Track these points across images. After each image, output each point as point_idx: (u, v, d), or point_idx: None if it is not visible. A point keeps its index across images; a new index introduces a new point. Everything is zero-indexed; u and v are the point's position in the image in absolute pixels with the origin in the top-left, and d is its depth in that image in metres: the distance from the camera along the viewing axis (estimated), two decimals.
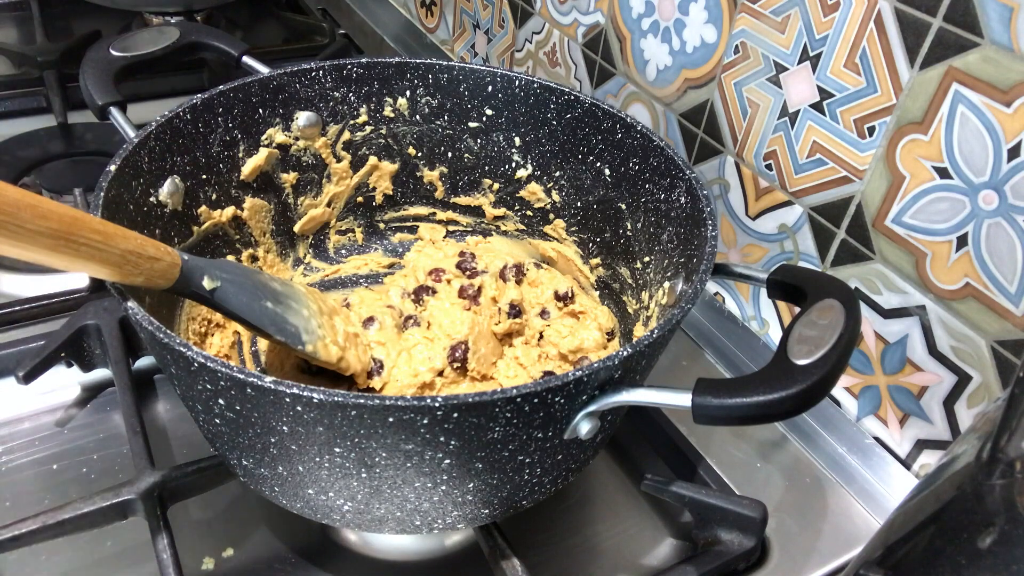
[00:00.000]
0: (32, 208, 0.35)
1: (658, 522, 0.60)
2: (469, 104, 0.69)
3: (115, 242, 0.41)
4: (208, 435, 0.51)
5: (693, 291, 0.47)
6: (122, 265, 0.41)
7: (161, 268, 0.45)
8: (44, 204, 0.36)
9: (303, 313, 0.55)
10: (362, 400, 0.38)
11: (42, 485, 0.57)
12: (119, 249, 0.41)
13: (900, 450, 0.63)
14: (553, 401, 0.41)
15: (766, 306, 0.73)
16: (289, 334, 0.53)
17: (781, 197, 0.68)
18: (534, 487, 0.49)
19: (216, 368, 0.39)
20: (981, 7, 0.50)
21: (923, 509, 0.34)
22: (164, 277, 0.45)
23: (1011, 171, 0.51)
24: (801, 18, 0.61)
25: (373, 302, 0.65)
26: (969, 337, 0.56)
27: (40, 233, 0.36)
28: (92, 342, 0.63)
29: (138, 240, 0.43)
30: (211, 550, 0.54)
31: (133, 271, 0.42)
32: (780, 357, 0.41)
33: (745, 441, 0.65)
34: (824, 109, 0.61)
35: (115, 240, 0.41)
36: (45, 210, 0.36)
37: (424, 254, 0.72)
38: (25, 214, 0.35)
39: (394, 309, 0.64)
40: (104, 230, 0.40)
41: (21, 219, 0.35)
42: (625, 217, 0.64)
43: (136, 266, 0.42)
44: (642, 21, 0.76)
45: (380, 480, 0.44)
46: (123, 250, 0.41)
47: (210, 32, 0.75)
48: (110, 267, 0.41)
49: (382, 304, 0.64)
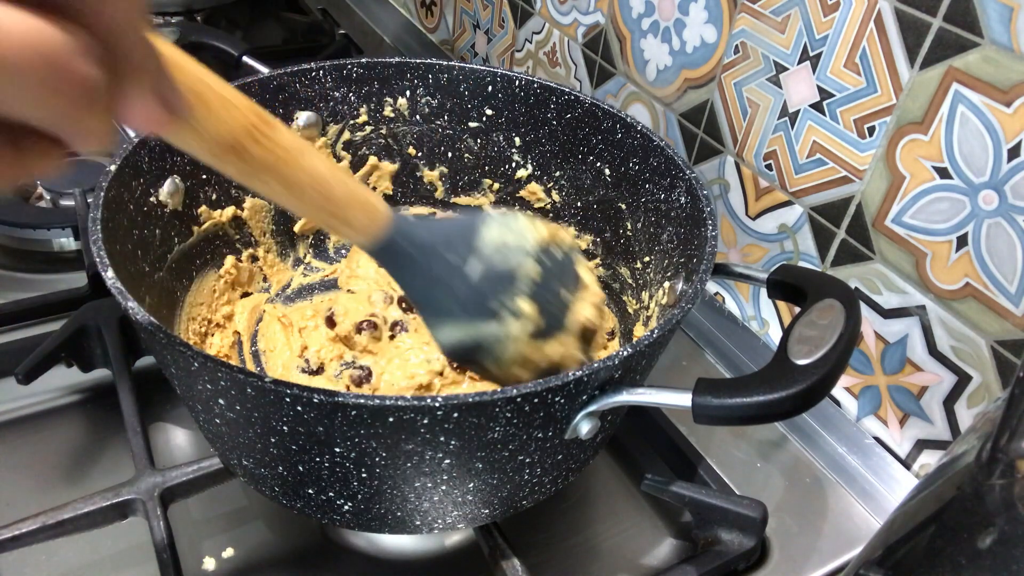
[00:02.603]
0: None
1: (658, 522, 0.60)
2: (469, 104, 0.69)
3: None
4: (208, 435, 0.51)
5: (693, 291, 0.47)
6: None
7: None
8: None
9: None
10: (362, 400, 0.38)
11: (42, 485, 0.57)
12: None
13: (900, 450, 0.63)
14: (553, 401, 0.41)
15: (766, 306, 0.73)
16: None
17: (781, 197, 0.68)
18: (534, 487, 0.49)
19: (216, 368, 0.39)
20: (981, 7, 0.50)
21: (923, 509, 0.34)
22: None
23: (1011, 171, 0.51)
24: (801, 18, 0.61)
25: (358, 311, 0.64)
26: (969, 337, 0.56)
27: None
28: (92, 342, 0.63)
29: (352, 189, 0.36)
30: (211, 550, 0.54)
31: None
32: (780, 357, 0.42)
33: (745, 441, 0.65)
34: (824, 109, 0.61)
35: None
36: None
37: None
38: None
39: (378, 316, 0.64)
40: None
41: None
42: (625, 217, 0.64)
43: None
44: (642, 21, 0.76)
45: (380, 480, 0.44)
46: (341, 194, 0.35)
47: (210, 32, 0.75)
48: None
49: (366, 312, 0.64)
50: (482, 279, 0.40)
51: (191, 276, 0.61)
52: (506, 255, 0.41)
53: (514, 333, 0.41)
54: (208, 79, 0.27)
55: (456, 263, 0.40)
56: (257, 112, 0.30)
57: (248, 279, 0.67)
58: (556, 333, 0.43)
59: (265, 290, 0.68)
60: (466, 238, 0.40)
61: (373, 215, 0.37)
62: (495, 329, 0.41)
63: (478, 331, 0.41)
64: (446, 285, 0.40)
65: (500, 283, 0.41)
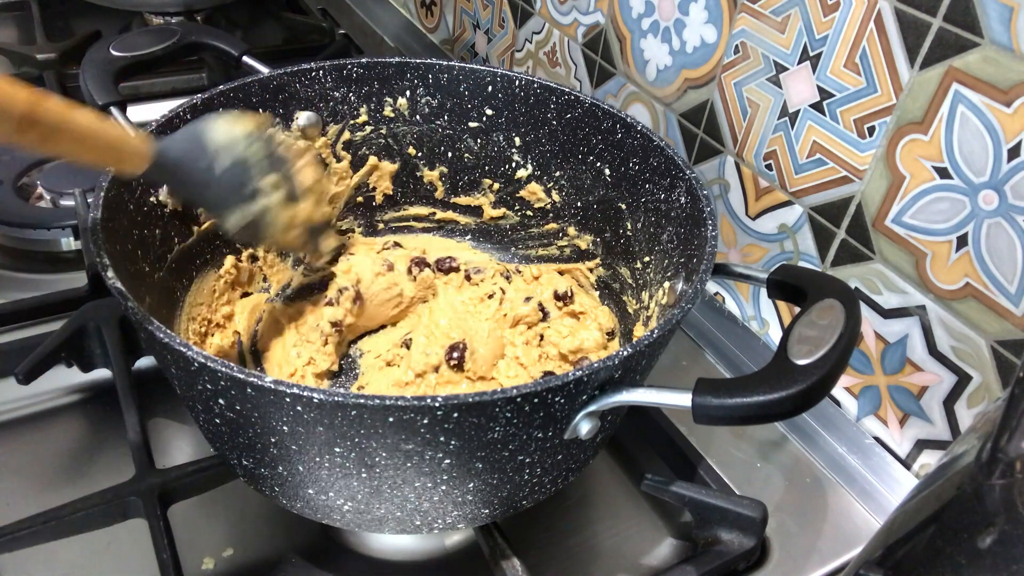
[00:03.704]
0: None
1: (658, 522, 0.60)
2: (469, 104, 0.69)
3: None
4: (208, 435, 0.51)
5: (693, 291, 0.47)
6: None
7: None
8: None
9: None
10: (362, 400, 0.38)
11: (42, 485, 0.57)
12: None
13: (900, 450, 0.63)
14: (553, 401, 0.41)
15: (766, 306, 0.73)
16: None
17: (781, 197, 0.68)
18: (534, 487, 0.49)
19: (216, 368, 0.39)
20: (981, 7, 0.50)
21: (923, 509, 0.34)
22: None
23: (1011, 171, 0.51)
24: (801, 18, 0.61)
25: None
26: (969, 337, 0.56)
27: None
28: (92, 342, 0.63)
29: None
30: (211, 550, 0.54)
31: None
32: (780, 357, 0.41)
33: (745, 441, 0.65)
34: (824, 109, 0.61)
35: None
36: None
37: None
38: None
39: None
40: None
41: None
42: (625, 217, 0.64)
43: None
44: (642, 21, 0.76)
45: (380, 480, 0.44)
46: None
47: (210, 32, 0.75)
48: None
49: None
50: (230, 171, 0.51)
51: (191, 276, 0.61)
52: (233, 147, 0.52)
53: (274, 202, 0.54)
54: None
55: (205, 166, 0.51)
56: (29, 89, 0.36)
57: (248, 279, 0.67)
58: (300, 194, 0.56)
59: (265, 290, 0.68)
60: (200, 144, 0.51)
61: (137, 147, 0.47)
62: (260, 205, 0.53)
63: (250, 211, 0.53)
64: (207, 184, 0.51)
65: (241, 170, 0.52)
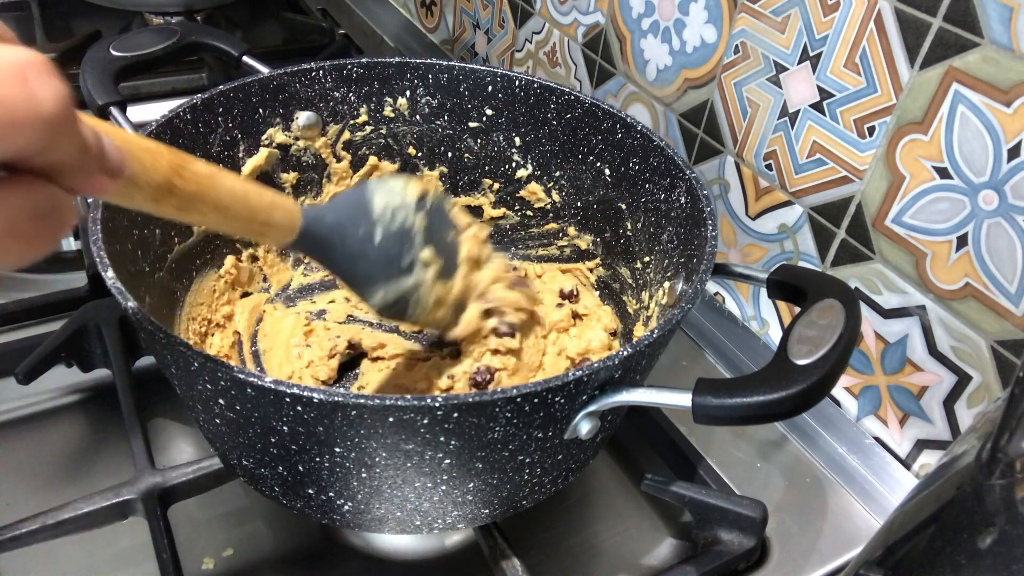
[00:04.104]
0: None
1: (658, 522, 0.60)
2: (469, 104, 0.69)
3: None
4: (208, 435, 0.51)
5: (693, 291, 0.47)
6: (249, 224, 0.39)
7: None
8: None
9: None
10: (362, 400, 0.38)
11: (42, 485, 0.57)
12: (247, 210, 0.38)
13: (900, 450, 0.63)
14: (553, 401, 0.41)
15: (766, 306, 0.73)
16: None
17: (781, 197, 0.68)
18: (534, 487, 0.49)
19: (216, 368, 0.39)
20: (981, 7, 0.50)
21: (923, 509, 0.34)
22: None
23: (1011, 171, 0.51)
24: (801, 18, 0.61)
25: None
26: (969, 337, 0.56)
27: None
28: (92, 342, 0.63)
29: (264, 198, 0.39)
30: (211, 550, 0.54)
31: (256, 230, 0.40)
32: (780, 357, 0.41)
33: (745, 441, 0.65)
34: (824, 109, 0.61)
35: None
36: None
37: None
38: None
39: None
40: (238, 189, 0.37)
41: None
42: (625, 217, 0.64)
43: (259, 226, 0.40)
44: (642, 21, 0.76)
45: (380, 480, 0.44)
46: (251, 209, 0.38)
47: (210, 32, 0.75)
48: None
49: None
50: (386, 242, 0.46)
51: (191, 276, 0.61)
52: (396, 216, 0.47)
53: (427, 279, 0.48)
54: (130, 136, 0.30)
55: (363, 235, 0.45)
56: (174, 152, 0.33)
57: (248, 279, 0.67)
58: (455, 270, 0.50)
59: (265, 290, 0.68)
60: (363, 211, 0.46)
61: (289, 214, 0.41)
62: (412, 281, 0.47)
63: (399, 286, 0.48)
64: (361, 256, 0.46)
65: (401, 241, 0.47)
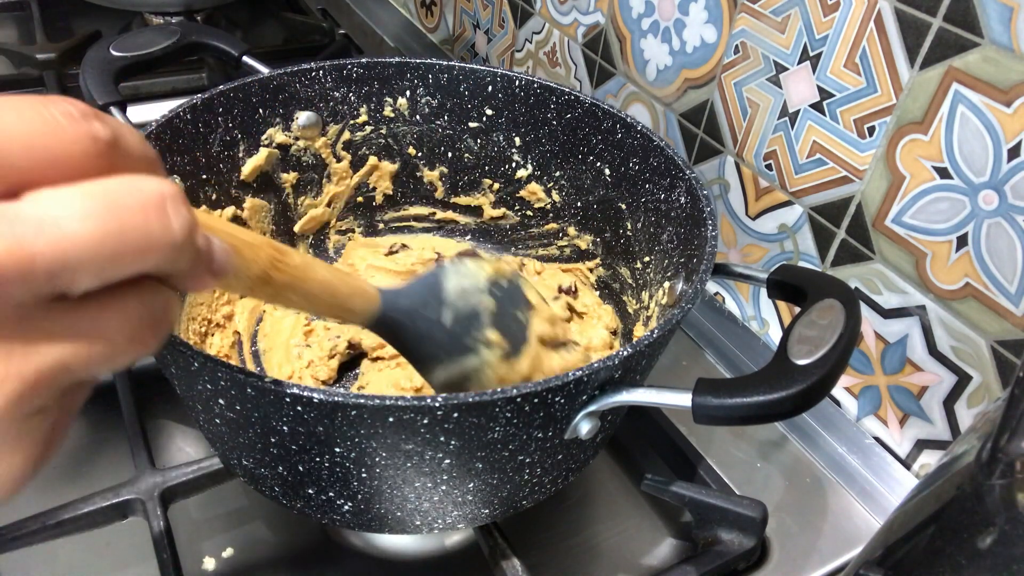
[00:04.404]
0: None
1: (658, 522, 0.60)
2: (469, 104, 0.69)
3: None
4: (208, 435, 0.51)
5: (693, 291, 0.47)
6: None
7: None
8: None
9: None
10: (362, 400, 0.38)
11: (42, 485, 0.57)
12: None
13: (900, 450, 0.63)
14: (553, 401, 0.41)
15: (766, 306, 0.73)
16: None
17: (781, 197, 0.68)
18: (534, 487, 0.49)
19: (216, 368, 0.39)
20: (981, 7, 0.50)
21: (923, 509, 0.34)
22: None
23: (1011, 171, 0.51)
24: (801, 18, 0.61)
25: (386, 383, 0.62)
26: (969, 337, 0.56)
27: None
28: None
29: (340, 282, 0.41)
30: (211, 550, 0.54)
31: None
32: (780, 357, 0.41)
33: (745, 441, 0.65)
34: (824, 109, 0.61)
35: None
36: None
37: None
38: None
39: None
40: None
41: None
42: (625, 217, 0.64)
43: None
44: (642, 21, 0.76)
45: (380, 480, 0.44)
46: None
47: (210, 32, 0.75)
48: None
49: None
50: (454, 323, 0.47)
51: None
52: (467, 298, 0.48)
53: (490, 360, 0.48)
54: (235, 231, 0.32)
55: (434, 317, 0.47)
56: (272, 244, 0.35)
57: None
58: (522, 350, 0.49)
59: None
60: (435, 294, 0.47)
61: (369, 299, 0.43)
62: (475, 361, 0.48)
63: (462, 366, 0.48)
64: (429, 338, 0.47)
65: (469, 322, 0.48)
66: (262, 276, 0.33)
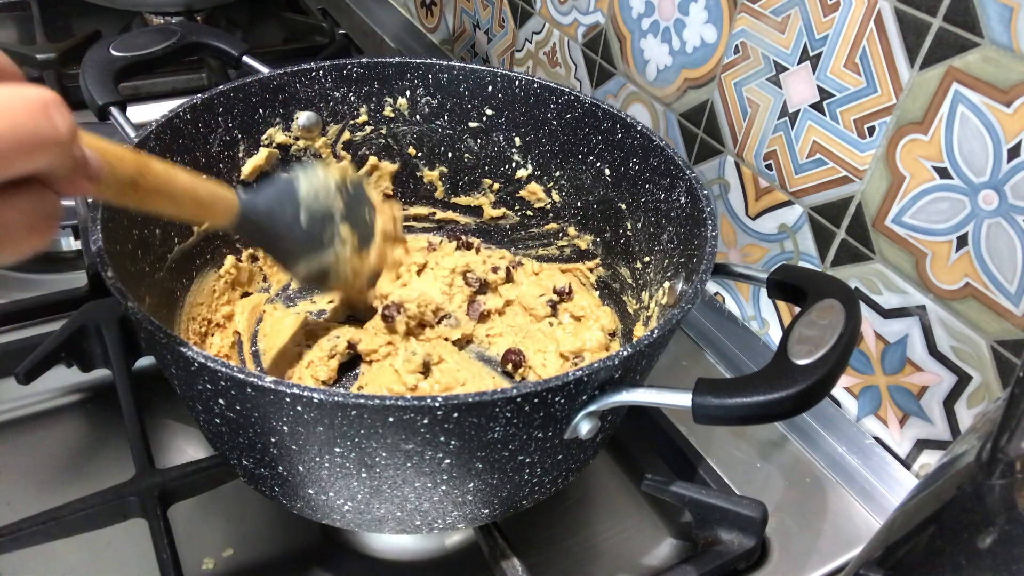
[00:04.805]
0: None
1: (658, 522, 0.60)
2: (469, 104, 0.69)
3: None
4: (208, 435, 0.51)
5: (693, 291, 0.47)
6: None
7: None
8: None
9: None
10: (362, 400, 0.38)
11: (42, 485, 0.57)
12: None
13: (900, 450, 0.63)
14: (553, 401, 0.41)
15: (766, 306, 0.73)
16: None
17: (781, 197, 0.68)
18: (534, 487, 0.49)
19: (216, 368, 0.39)
20: (981, 7, 0.50)
21: (923, 509, 0.34)
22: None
23: (1011, 171, 0.51)
24: (801, 18, 0.61)
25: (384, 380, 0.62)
26: (969, 337, 0.56)
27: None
28: (92, 342, 0.63)
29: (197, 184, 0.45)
30: (211, 550, 0.54)
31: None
32: (780, 357, 0.41)
33: (745, 441, 0.65)
34: (824, 109, 0.61)
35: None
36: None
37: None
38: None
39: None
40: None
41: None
42: (625, 217, 0.64)
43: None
44: (642, 21, 0.76)
45: (380, 480, 0.44)
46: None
47: (210, 32, 0.75)
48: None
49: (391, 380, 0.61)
50: (310, 221, 0.54)
51: (191, 276, 0.61)
52: (319, 199, 0.54)
53: (344, 254, 0.56)
54: (103, 143, 0.35)
55: (291, 217, 0.53)
56: (137, 156, 0.39)
57: (248, 279, 0.67)
58: (369, 244, 0.59)
59: (265, 290, 0.68)
60: (291, 197, 0.53)
61: (229, 203, 0.48)
62: (331, 256, 0.56)
63: (320, 261, 0.55)
64: (289, 236, 0.53)
65: (323, 221, 0.55)
66: (130, 183, 0.37)
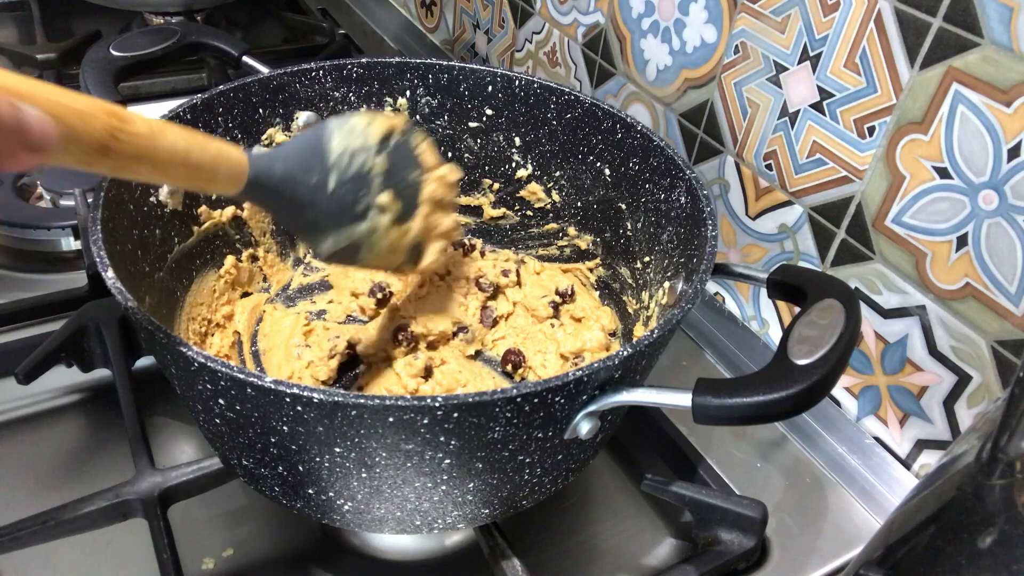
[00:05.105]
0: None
1: (658, 522, 0.60)
2: (469, 104, 0.69)
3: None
4: (208, 435, 0.51)
5: (693, 291, 0.47)
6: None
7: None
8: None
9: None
10: (362, 400, 0.38)
11: (42, 485, 0.57)
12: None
13: (900, 450, 0.63)
14: (553, 401, 0.41)
15: (766, 306, 0.73)
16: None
17: (781, 197, 0.68)
18: (534, 487, 0.49)
19: (216, 368, 0.39)
20: (981, 7, 0.50)
21: (923, 509, 0.34)
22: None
23: (1011, 171, 0.51)
24: (801, 18, 0.61)
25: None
26: (969, 337, 0.56)
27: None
28: (92, 342, 0.63)
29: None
30: (211, 550, 0.54)
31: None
32: (780, 357, 0.41)
33: (745, 441, 0.65)
34: (824, 109, 0.61)
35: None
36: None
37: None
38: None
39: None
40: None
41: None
42: (625, 217, 0.64)
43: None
44: (642, 21, 0.76)
45: (380, 480, 0.44)
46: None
47: (210, 32, 0.75)
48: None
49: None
50: (340, 188, 0.43)
51: (191, 276, 0.61)
52: (354, 159, 0.44)
53: (382, 225, 0.45)
54: (61, 98, 0.29)
55: (315, 183, 0.42)
56: (110, 111, 0.32)
57: (248, 279, 0.67)
58: (414, 212, 0.46)
59: (265, 290, 0.68)
60: (318, 156, 0.43)
61: (235, 168, 0.40)
62: (365, 228, 0.44)
63: (351, 234, 0.44)
64: (312, 205, 0.43)
65: (357, 186, 0.44)
66: (98, 148, 0.31)
